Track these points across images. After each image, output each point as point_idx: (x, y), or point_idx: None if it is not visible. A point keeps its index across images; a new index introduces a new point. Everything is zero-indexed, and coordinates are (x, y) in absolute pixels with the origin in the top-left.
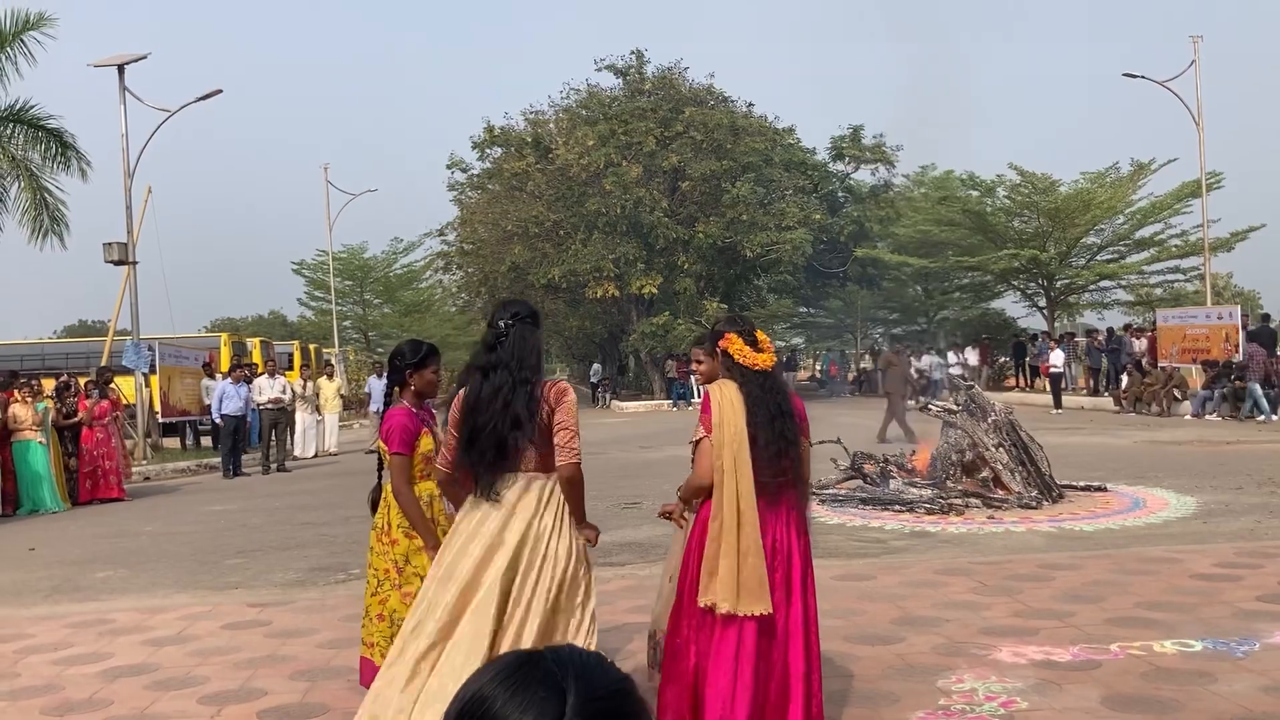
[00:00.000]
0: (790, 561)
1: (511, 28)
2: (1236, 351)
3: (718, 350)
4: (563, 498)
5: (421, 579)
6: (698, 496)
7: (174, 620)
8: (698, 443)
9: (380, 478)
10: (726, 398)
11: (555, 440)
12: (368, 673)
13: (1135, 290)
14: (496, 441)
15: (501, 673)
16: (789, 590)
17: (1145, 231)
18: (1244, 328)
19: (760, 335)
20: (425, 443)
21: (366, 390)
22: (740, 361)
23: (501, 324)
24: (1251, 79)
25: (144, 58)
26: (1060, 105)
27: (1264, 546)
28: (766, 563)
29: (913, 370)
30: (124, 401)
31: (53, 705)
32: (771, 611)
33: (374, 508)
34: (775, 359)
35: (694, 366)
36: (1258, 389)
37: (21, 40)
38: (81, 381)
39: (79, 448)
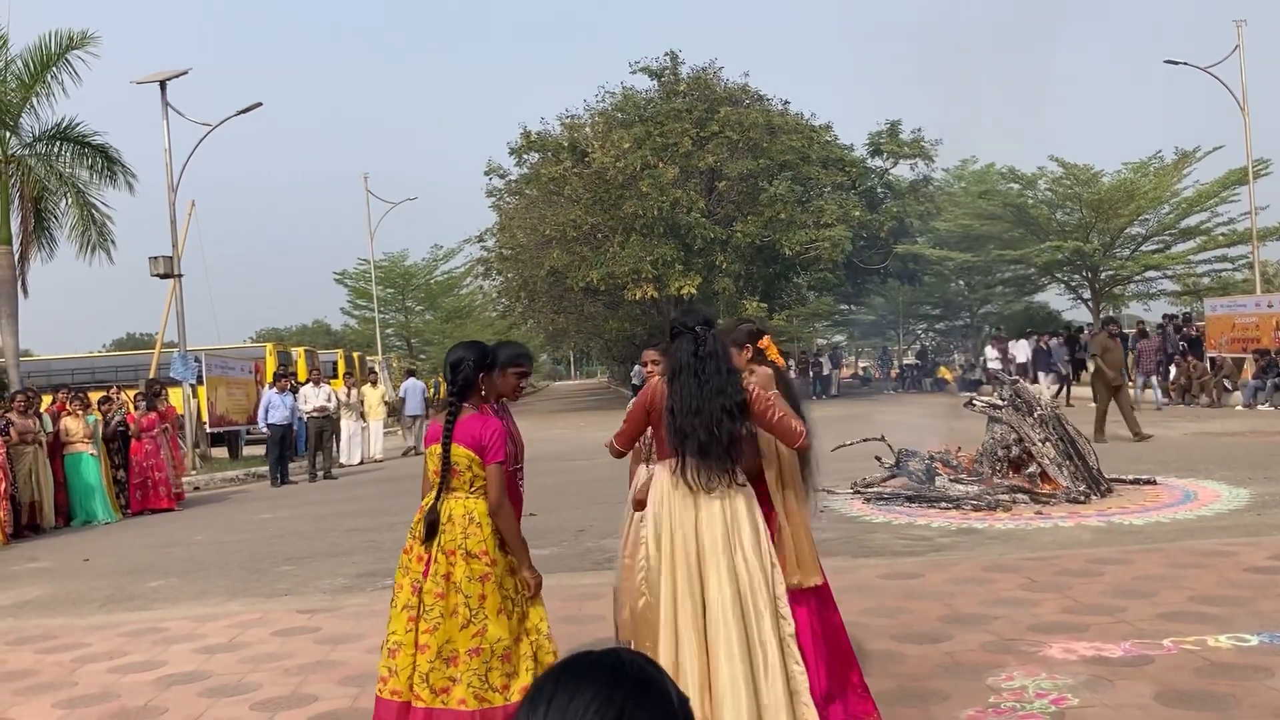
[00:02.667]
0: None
1: (548, 35)
2: None
3: (749, 347)
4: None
5: (513, 601)
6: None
7: (225, 628)
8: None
9: (440, 495)
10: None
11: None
12: None
13: (1182, 280)
14: (727, 437)
15: (620, 674)
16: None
17: (1191, 220)
18: None
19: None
20: None
21: (401, 394)
22: (772, 359)
23: (698, 329)
24: None
25: (185, 73)
26: (1101, 94)
27: None
28: None
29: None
30: (177, 412)
31: (109, 713)
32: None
33: (432, 530)
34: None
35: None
36: (1145, 378)
37: (66, 60)
38: (130, 394)
39: (128, 459)
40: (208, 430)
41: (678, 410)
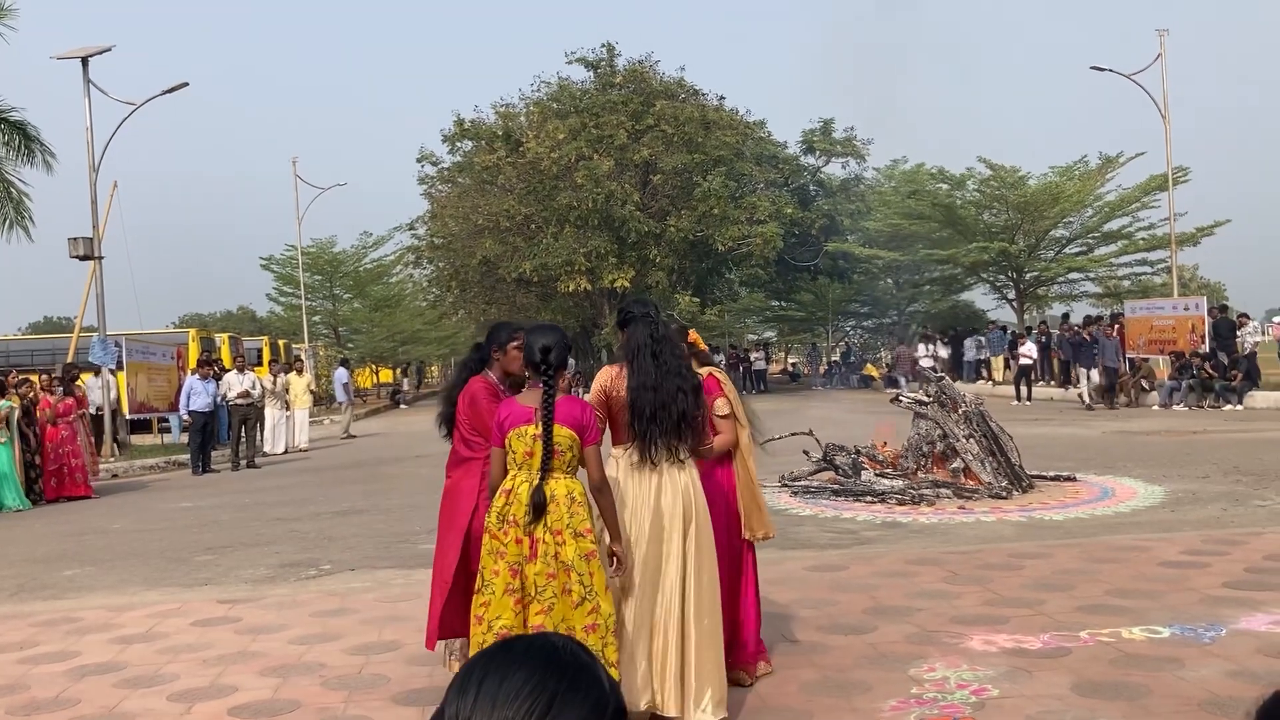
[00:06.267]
0: None
1: (483, 20)
2: (1202, 342)
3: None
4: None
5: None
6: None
7: (142, 618)
8: (725, 416)
9: (544, 476)
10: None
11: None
12: None
13: (1103, 282)
14: (679, 413)
15: (553, 658)
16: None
17: (1113, 224)
18: (1211, 319)
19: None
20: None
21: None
22: (701, 350)
23: (649, 313)
24: (1218, 74)
25: (108, 50)
26: (1029, 98)
27: (1230, 534)
28: None
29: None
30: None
31: (18, 704)
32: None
33: (539, 511)
34: None
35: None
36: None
37: None
38: (36, 379)
39: (43, 445)
40: (127, 417)
41: (637, 388)
